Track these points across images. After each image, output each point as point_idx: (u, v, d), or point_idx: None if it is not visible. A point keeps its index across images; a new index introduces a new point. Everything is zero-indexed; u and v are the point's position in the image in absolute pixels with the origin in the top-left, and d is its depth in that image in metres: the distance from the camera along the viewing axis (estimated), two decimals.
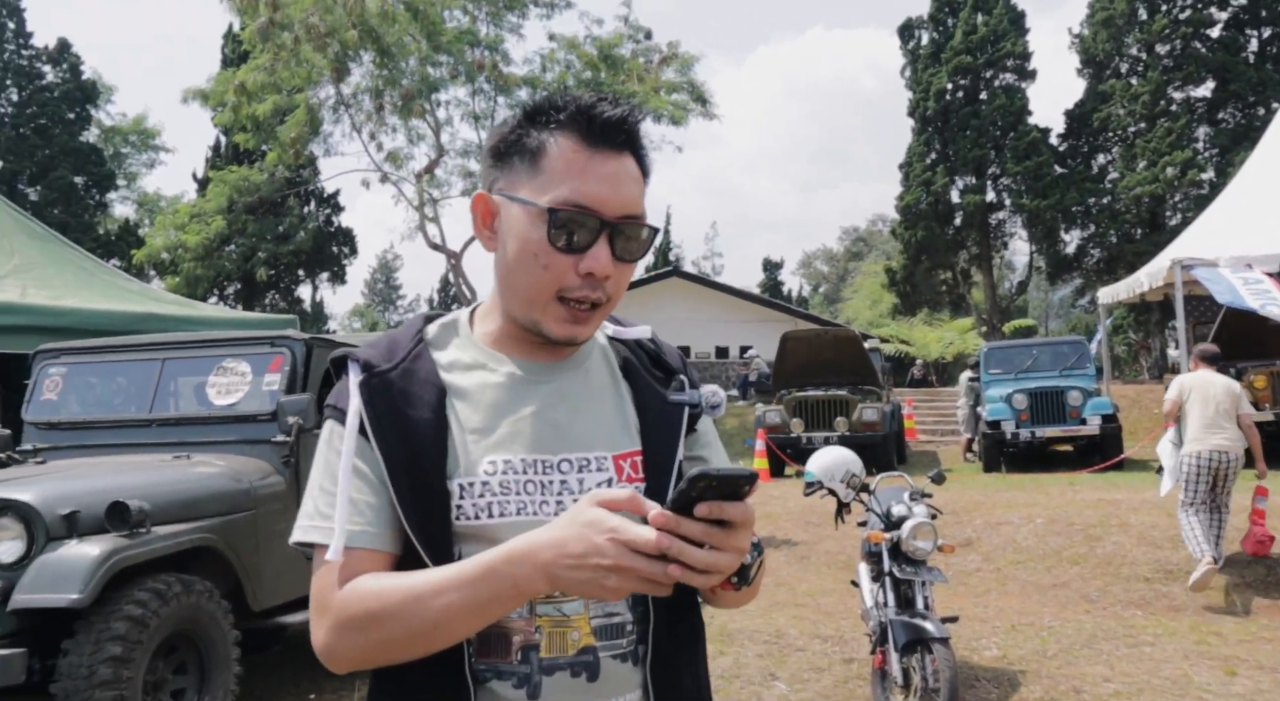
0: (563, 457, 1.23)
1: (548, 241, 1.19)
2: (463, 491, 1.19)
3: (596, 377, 1.32)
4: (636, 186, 1.24)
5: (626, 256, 1.23)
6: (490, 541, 1.14)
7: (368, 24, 19.22)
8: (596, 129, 1.22)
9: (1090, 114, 29.60)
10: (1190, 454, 7.17)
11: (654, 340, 1.40)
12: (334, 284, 35.62)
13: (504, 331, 1.31)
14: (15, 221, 8.21)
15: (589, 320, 1.24)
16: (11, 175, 32.04)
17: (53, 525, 4.03)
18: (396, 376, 1.24)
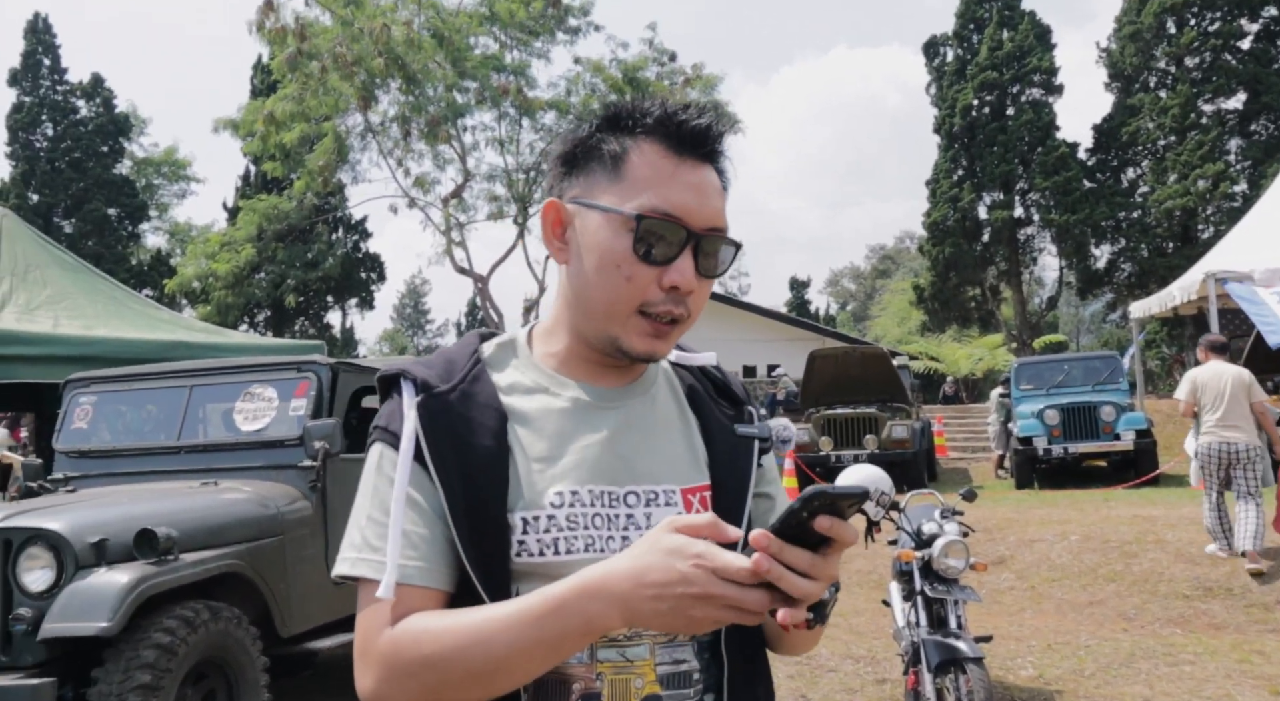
0: (629, 490, 1.15)
1: (632, 251, 1.13)
2: (526, 526, 1.10)
3: (663, 406, 1.24)
4: (721, 199, 1.19)
5: (709, 271, 1.17)
6: (552, 579, 1.04)
7: (394, 52, 19.48)
8: (684, 137, 1.16)
9: (1119, 128, 29.38)
10: (1202, 445, 7.44)
11: (718, 367, 1.32)
12: (362, 309, 35.94)
13: (569, 351, 1.23)
14: (48, 253, 8.35)
15: (669, 335, 1.18)
16: (47, 208, 32.63)
17: (82, 553, 4.06)
18: (455, 399, 1.16)
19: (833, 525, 0.91)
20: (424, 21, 20.19)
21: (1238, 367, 7.61)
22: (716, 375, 1.31)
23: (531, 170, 23.52)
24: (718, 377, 1.30)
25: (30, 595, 4.02)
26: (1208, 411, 7.45)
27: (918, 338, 33.67)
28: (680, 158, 1.15)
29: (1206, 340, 7.97)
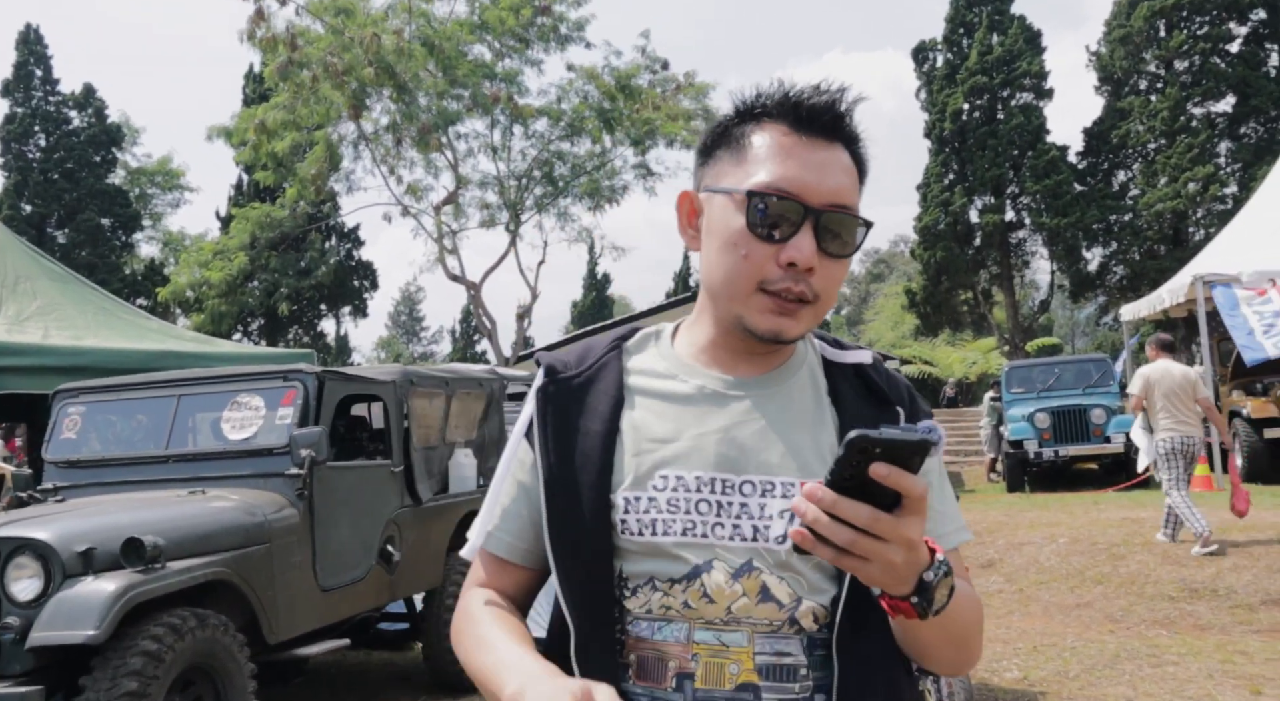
0: (746, 479, 1.15)
1: (747, 228, 1.14)
2: (628, 505, 1.15)
3: (799, 398, 1.22)
4: (847, 177, 1.17)
5: (834, 250, 1.15)
6: (659, 558, 1.13)
7: (384, 61, 19.53)
8: (804, 114, 1.16)
9: (1109, 131, 29.52)
10: (1164, 439, 8.00)
11: (875, 367, 1.28)
12: (356, 317, 35.93)
13: (709, 340, 1.25)
14: (38, 264, 8.39)
15: (796, 314, 1.15)
16: (40, 218, 32.64)
17: (69, 562, 4.09)
18: (578, 384, 1.23)
19: (890, 473, 0.87)
20: (415, 30, 20.25)
21: (1184, 366, 8.22)
22: (870, 375, 1.26)
23: (523, 177, 23.57)
24: (870, 377, 1.26)
25: (18, 604, 4.05)
26: (1160, 407, 8.00)
27: (912, 341, 33.77)
28: (801, 136, 1.16)
29: (1156, 339, 8.50)
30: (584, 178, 23.56)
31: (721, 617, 1.12)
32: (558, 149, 23.39)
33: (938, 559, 0.98)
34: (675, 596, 1.12)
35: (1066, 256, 29.83)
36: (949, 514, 1.24)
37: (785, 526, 1.11)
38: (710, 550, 1.12)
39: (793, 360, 1.25)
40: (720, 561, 1.12)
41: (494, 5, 21.16)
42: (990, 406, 16.51)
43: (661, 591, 1.13)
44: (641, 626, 1.15)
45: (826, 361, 1.27)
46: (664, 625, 1.14)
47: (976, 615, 1.16)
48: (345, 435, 6.58)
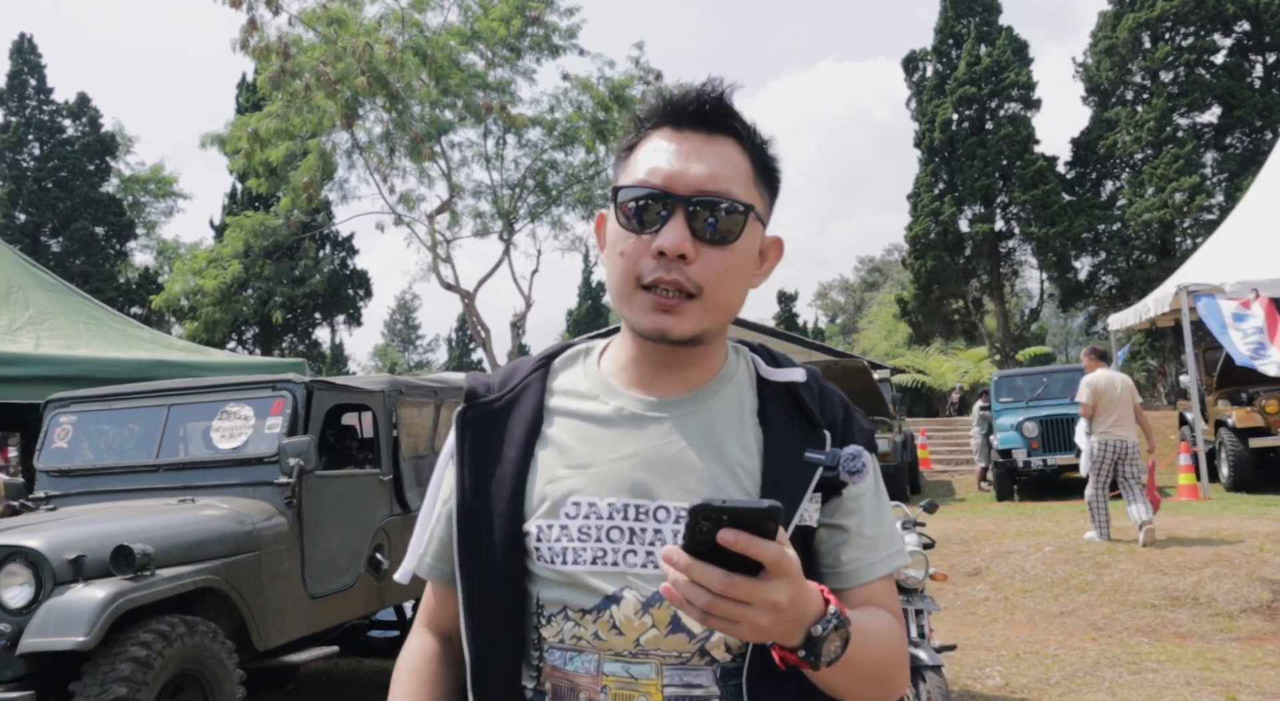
0: (660, 505, 1.11)
1: (620, 225, 1.14)
2: (540, 534, 1.13)
3: (722, 419, 1.18)
4: (724, 165, 1.13)
5: (712, 237, 1.11)
6: (571, 587, 1.12)
7: (377, 70, 19.60)
8: (674, 111, 1.15)
9: (1096, 141, 29.72)
10: (1098, 442, 8.76)
11: (808, 385, 1.22)
12: (350, 326, 35.98)
13: (630, 356, 1.22)
14: (30, 274, 8.45)
15: (679, 310, 1.12)
16: (35, 227, 32.67)
17: (59, 570, 4.15)
18: (499, 408, 1.21)
19: (739, 540, 0.85)
20: (407, 40, 20.35)
21: (1125, 376, 9.04)
22: (801, 394, 1.21)
23: (517, 186, 23.66)
24: (801, 396, 1.20)
25: (9, 611, 4.11)
26: (1101, 413, 8.76)
27: (905, 351, 33.88)
28: (679, 132, 1.15)
29: (1091, 350, 9.37)
30: (577, 187, 23.66)
31: (630, 649, 1.10)
32: (551, 158, 23.50)
33: (830, 611, 0.95)
34: (586, 627, 1.11)
35: (1056, 266, 29.99)
36: (882, 538, 1.20)
37: None
38: (622, 578, 1.10)
39: (718, 377, 1.21)
40: (632, 590, 1.10)
41: (485, 16, 21.27)
42: (980, 415, 16.60)
43: (573, 621, 1.12)
44: (555, 655, 1.14)
45: (760, 379, 1.23)
46: (575, 655, 1.12)
47: (891, 651, 1.11)
48: (335, 444, 6.64)
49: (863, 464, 1.13)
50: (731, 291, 1.15)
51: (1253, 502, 10.91)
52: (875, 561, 1.18)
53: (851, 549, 1.17)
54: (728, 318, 1.17)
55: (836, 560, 1.17)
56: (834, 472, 1.14)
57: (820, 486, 1.15)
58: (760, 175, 1.18)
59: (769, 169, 1.20)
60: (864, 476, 1.15)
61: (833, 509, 1.17)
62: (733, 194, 1.12)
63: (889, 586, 1.20)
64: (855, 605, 1.12)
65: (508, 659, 1.16)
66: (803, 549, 1.11)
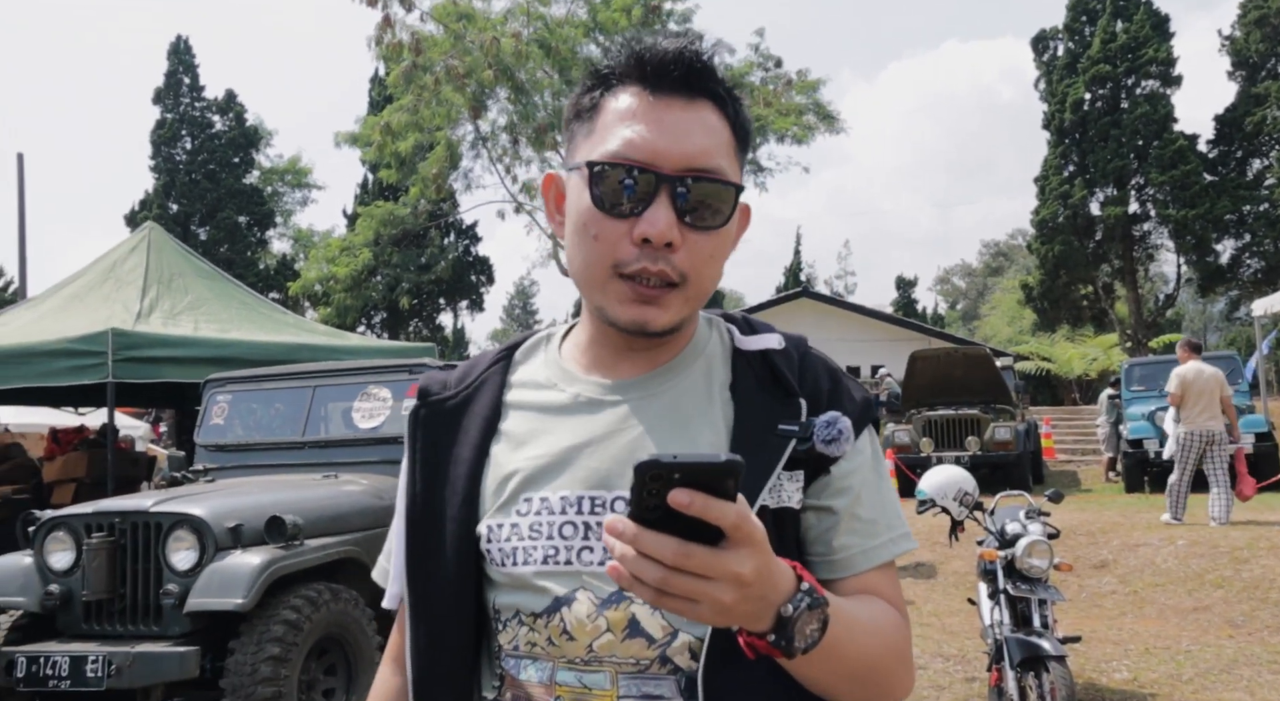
0: (617, 495, 1.01)
1: (593, 205, 1.01)
2: (490, 534, 1.04)
3: (688, 397, 1.07)
4: (711, 137, 1.02)
5: (699, 221, 1.01)
6: (522, 590, 1.03)
7: (503, 63, 20.08)
8: (655, 71, 1.02)
9: (1243, 118, 28.15)
10: (1186, 432, 9.25)
11: (785, 352, 1.10)
12: (473, 311, 36.95)
13: (589, 339, 1.12)
14: (188, 262, 9.08)
15: (661, 301, 1.01)
16: (185, 217, 34.61)
17: (220, 537, 4.50)
18: (453, 405, 1.13)
19: (693, 501, 0.73)
20: (532, 33, 20.78)
21: (1214, 368, 9.40)
22: (776, 361, 1.08)
23: None
24: (775, 363, 1.08)
25: (177, 573, 4.48)
26: (1189, 403, 9.20)
27: (1029, 337, 32.86)
28: (653, 96, 1.02)
29: (1185, 342, 9.88)
30: None
31: (582, 656, 1.00)
32: None
33: (802, 587, 0.84)
34: (539, 632, 1.02)
35: (1195, 249, 28.60)
36: (883, 522, 1.08)
37: None
38: (576, 578, 1.00)
39: (685, 353, 1.10)
40: (586, 590, 1.00)
41: (606, 6, 21.53)
42: (1109, 404, 16.06)
43: (526, 626, 1.03)
44: (510, 663, 1.05)
45: (735, 350, 1.11)
46: (529, 663, 1.03)
47: (884, 645, 0.99)
48: None
49: (839, 432, 1.01)
50: (714, 277, 1.05)
51: None
52: (873, 547, 1.06)
53: (844, 533, 1.05)
54: (704, 302, 1.08)
55: (828, 547, 1.06)
56: (808, 443, 1.01)
57: (800, 462, 1.02)
58: (739, 142, 1.07)
59: (745, 132, 1.09)
60: (841, 445, 1.01)
61: (820, 488, 1.05)
62: (724, 172, 1.02)
63: (889, 575, 1.08)
64: (850, 595, 1.03)
65: (456, 673, 1.06)
66: (781, 532, 1.01)
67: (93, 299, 8.34)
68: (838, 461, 1.04)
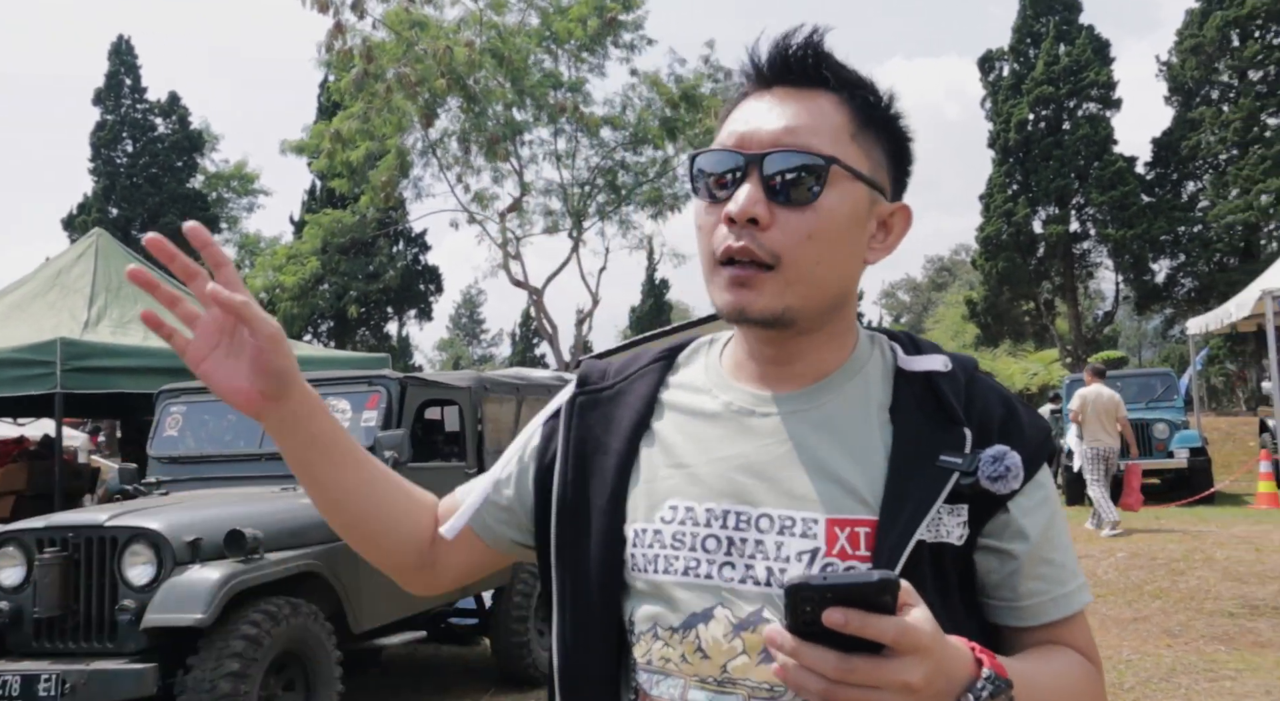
0: (763, 512, 0.99)
1: (695, 196, 1.04)
2: (635, 539, 1.03)
3: (843, 416, 1.03)
4: (809, 118, 1.00)
5: (789, 198, 0.97)
6: (660, 600, 1.01)
7: (456, 72, 20.03)
8: (762, 68, 1.04)
9: (1179, 141, 29.06)
10: (1088, 448, 10.35)
11: (951, 375, 1.04)
12: (421, 320, 36.68)
13: (746, 349, 1.09)
14: None
15: (754, 283, 0.98)
16: (126, 222, 33.91)
17: (179, 551, 4.44)
18: (608, 396, 1.12)
19: (849, 620, 0.73)
20: (485, 42, 20.76)
21: (1111, 391, 10.54)
22: (940, 385, 1.03)
23: (587, 184, 23.96)
24: (940, 388, 1.02)
25: (133, 588, 4.40)
26: (1089, 422, 10.29)
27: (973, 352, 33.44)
28: (766, 90, 1.04)
29: (1092, 368, 11.12)
30: (646, 185, 23.89)
31: (716, 676, 0.98)
32: (621, 157, 23.76)
33: (984, 675, 0.81)
34: (674, 647, 1.00)
35: (1133, 268, 29.41)
36: (1070, 566, 1.02)
37: (803, 571, 0.96)
38: (715, 593, 0.98)
39: (843, 369, 1.06)
40: (724, 608, 0.98)
41: (562, 16, 21.59)
42: (1051, 418, 16.44)
43: (662, 640, 1.01)
44: (643, 677, 1.02)
45: (899, 371, 1.06)
46: (662, 678, 1.01)
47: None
48: (421, 437, 6.91)
49: (1006, 468, 0.96)
50: (820, 260, 0.99)
51: None
52: (1063, 594, 1.01)
53: (1030, 578, 1.00)
54: (825, 294, 1.01)
55: (1014, 593, 1.00)
56: (972, 479, 0.96)
57: (962, 496, 0.97)
58: (866, 130, 1.02)
59: (884, 125, 1.05)
60: (1009, 482, 0.96)
61: (999, 528, 0.99)
62: (811, 146, 0.98)
63: (1082, 622, 1.03)
64: (1040, 644, 1.00)
65: (603, 680, 1.05)
66: (939, 569, 0.96)
67: (37, 307, 8.16)
68: (1015, 499, 0.99)
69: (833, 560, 0.95)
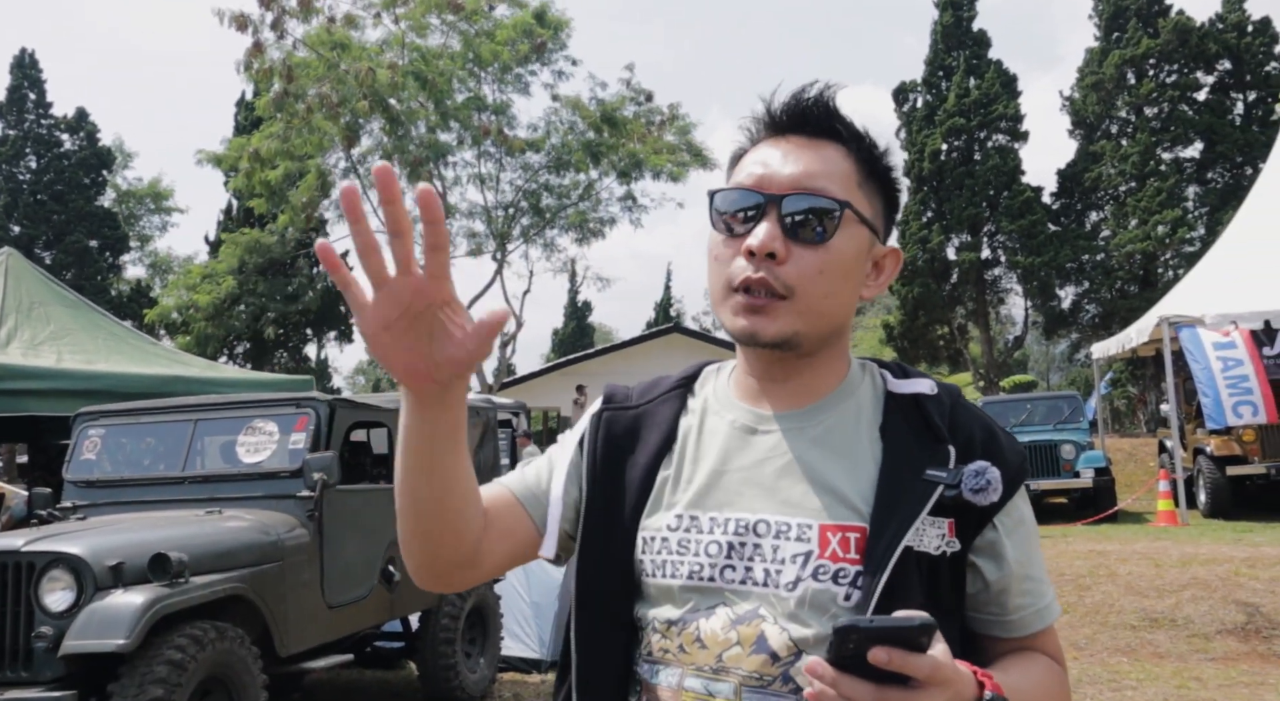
0: (760, 519, 1.09)
1: (713, 228, 1.14)
2: (645, 545, 1.13)
3: (837, 432, 1.13)
4: (820, 164, 1.12)
5: (803, 235, 1.09)
6: (669, 602, 1.11)
7: (378, 93, 19.91)
8: (772, 119, 1.16)
9: (1082, 173, 30.25)
10: None
11: (938, 398, 1.14)
12: (341, 342, 36.09)
13: (744, 370, 1.20)
14: (50, 290, 8.69)
15: (768, 310, 1.08)
16: (29, 239, 32.78)
17: (101, 576, 4.36)
18: (633, 415, 1.21)
19: (891, 659, 0.83)
20: (408, 64, 20.68)
21: None
22: (928, 406, 1.13)
23: (510, 207, 23.96)
24: (927, 409, 1.13)
25: (51, 615, 4.31)
26: None
27: None
28: (780, 138, 1.15)
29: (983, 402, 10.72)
30: (570, 209, 23.99)
31: (711, 665, 1.07)
32: (545, 180, 23.83)
33: (986, 696, 0.92)
34: (671, 638, 1.10)
35: (1040, 294, 30.45)
36: (1044, 581, 1.15)
37: (798, 572, 1.05)
38: (718, 594, 1.08)
39: (838, 391, 1.17)
40: (725, 606, 1.08)
41: (489, 39, 21.63)
42: None
43: (660, 632, 1.11)
44: (643, 668, 1.12)
45: (889, 394, 1.17)
46: (661, 668, 1.10)
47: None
48: (349, 460, 6.86)
49: (987, 482, 1.05)
50: (828, 293, 1.10)
51: (1229, 529, 11.22)
52: (1044, 607, 1.14)
53: (1017, 594, 1.12)
54: (829, 323, 1.13)
55: (1003, 608, 1.12)
56: (955, 491, 1.06)
57: (948, 509, 1.07)
58: (868, 180, 1.15)
59: (881, 175, 1.17)
60: (989, 495, 1.06)
61: (987, 544, 1.10)
62: (827, 191, 1.10)
63: (1054, 631, 1.16)
64: (1020, 652, 1.13)
65: (612, 671, 1.14)
66: (921, 575, 1.05)
67: None
68: (999, 516, 1.09)
69: (825, 562, 1.05)
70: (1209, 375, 11.02)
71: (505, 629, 6.90)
